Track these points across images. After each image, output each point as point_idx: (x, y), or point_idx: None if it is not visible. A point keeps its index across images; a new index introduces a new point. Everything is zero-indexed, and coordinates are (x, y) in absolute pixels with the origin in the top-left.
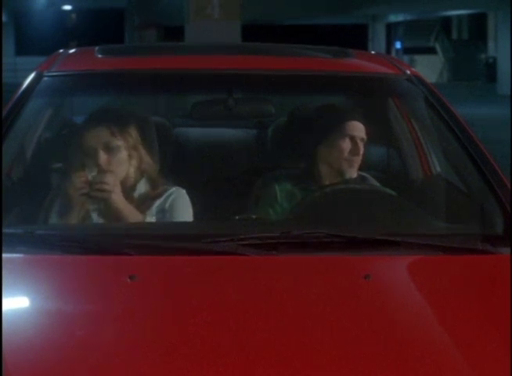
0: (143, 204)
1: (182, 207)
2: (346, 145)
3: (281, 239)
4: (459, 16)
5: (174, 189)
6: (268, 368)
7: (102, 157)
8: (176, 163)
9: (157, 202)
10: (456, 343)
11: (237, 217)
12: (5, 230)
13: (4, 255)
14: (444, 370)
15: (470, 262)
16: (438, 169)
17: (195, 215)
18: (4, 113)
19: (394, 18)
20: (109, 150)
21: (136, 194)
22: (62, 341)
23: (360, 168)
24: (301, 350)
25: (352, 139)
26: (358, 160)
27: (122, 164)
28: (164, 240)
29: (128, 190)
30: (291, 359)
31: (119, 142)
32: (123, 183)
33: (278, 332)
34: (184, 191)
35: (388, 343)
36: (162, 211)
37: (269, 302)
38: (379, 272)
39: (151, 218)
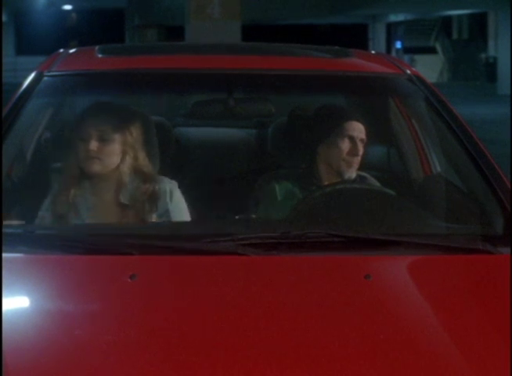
0: (145, 205)
1: (184, 208)
2: (345, 145)
3: (281, 239)
4: (459, 16)
5: (168, 188)
6: (268, 368)
7: (94, 143)
8: (176, 162)
9: (160, 203)
10: (456, 343)
11: (237, 217)
12: (5, 230)
13: (4, 255)
14: (444, 370)
15: (470, 262)
16: (438, 169)
17: (195, 214)
18: (4, 113)
19: (395, 18)
20: (103, 140)
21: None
22: (62, 341)
23: (360, 168)
24: (301, 350)
25: (351, 139)
26: (357, 160)
27: (112, 156)
28: (164, 240)
29: (120, 189)
30: (291, 358)
31: (115, 135)
32: (115, 180)
33: (278, 332)
34: (177, 185)
35: (388, 343)
36: (166, 211)
37: (269, 302)
38: (379, 272)
39: (158, 219)
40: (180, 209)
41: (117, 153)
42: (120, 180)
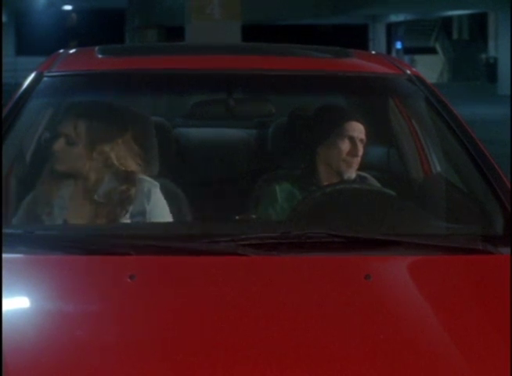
0: (120, 204)
1: (164, 208)
2: (345, 146)
3: (281, 239)
4: (459, 16)
5: (146, 188)
6: (268, 368)
7: (59, 144)
8: (176, 163)
9: (136, 203)
10: (456, 343)
11: (237, 217)
12: (5, 230)
13: (4, 255)
14: (444, 370)
15: (470, 262)
16: (438, 169)
17: (195, 214)
18: (4, 113)
19: (395, 18)
20: (68, 143)
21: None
22: (62, 341)
23: (360, 168)
24: (301, 350)
25: (351, 139)
26: (356, 161)
27: (75, 159)
28: (164, 240)
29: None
30: (291, 358)
31: (81, 139)
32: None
33: (278, 332)
34: (158, 185)
35: (389, 343)
36: (142, 212)
37: (269, 303)
38: (379, 273)
39: (131, 219)
40: (159, 210)
41: (82, 157)
42: (91, 180)
